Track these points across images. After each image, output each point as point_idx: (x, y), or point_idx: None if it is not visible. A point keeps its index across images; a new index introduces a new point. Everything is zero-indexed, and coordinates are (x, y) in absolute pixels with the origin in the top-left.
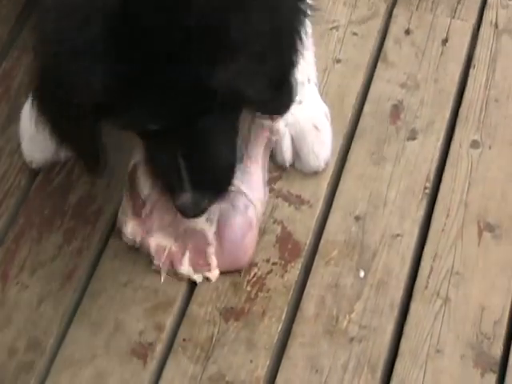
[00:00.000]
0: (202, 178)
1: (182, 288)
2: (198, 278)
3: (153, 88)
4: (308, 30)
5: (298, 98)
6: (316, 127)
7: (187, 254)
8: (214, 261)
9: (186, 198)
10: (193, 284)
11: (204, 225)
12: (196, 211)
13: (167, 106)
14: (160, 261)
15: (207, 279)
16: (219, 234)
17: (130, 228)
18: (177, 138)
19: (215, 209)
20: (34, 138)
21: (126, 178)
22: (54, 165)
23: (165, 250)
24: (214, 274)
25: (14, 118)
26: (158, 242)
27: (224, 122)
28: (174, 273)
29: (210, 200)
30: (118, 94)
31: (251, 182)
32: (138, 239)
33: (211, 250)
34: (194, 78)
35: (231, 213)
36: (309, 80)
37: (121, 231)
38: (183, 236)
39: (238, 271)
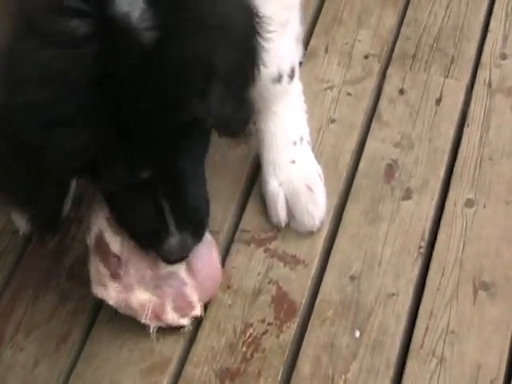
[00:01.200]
0: (185, 219)
1: (178, 348)
2: (185, 322)
3: (140, 140)
4: (298, 88)
5: (290, 158)
6: (309, 188)
7: (169, 303)
8: (194, 296)
9: (173, 241)
10: (188, 343)
11: (176, 266)
12: (182, 254)
13: (155, 152)
14: (146, 317)
15: (195, 318)
16: (191, 267)
17: (113, 292)
18: (157, 181)
19: None
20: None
21: (92, 250)
22: None
23: (146, 305)
24: (197, 310)
25: None
26: (139, 298)
27: (197, 156)
28: (160, 324)
29: (193, 240)
30: (103, 154)
31: None
32: (123, 303)
33: (189, 288)
34: (185, 115)
35: None
36: (301, 139)
37: (103, 301)
38: (160, 284)
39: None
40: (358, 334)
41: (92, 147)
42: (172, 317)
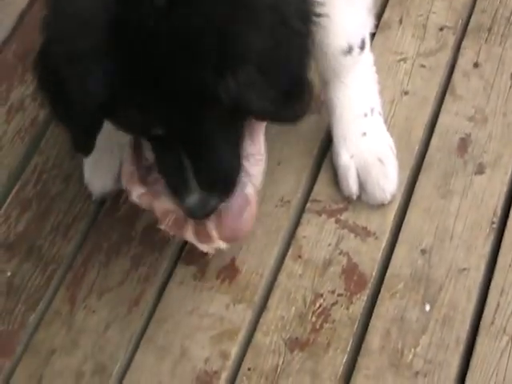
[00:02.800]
0: (208, 179)
1: (248, 316)
2: (204, 248)
3: (156, 92)
4: (369, 59)
5: (361, 130)
6: (381, 160)
7: (190, 223)
8: (214, 234)
9: (193, 199)
10: (258, 312)
11: None
12: (203, 212)
13: (170, 110)
14: (166, 224)
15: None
16: (217, 213)
17: (137, 194)
18: (181, 140)
19: None
20: (94, 171)
21: (129, 145)
22: (122, 191)
23: (169, 214)
24: (217, 244)
25: None
26: (164, 205)
27: (229, 126)
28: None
29: (216, 201)
30: (120, 97)
31: (249, 157)
32: (147, 205)
33: (211, 224)
34: (200, 84)
35: None
36: (372, 111)
37: (129, 195)
38: None
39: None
40: (428, 308)
41: (104, 88)
42: (191, 236)
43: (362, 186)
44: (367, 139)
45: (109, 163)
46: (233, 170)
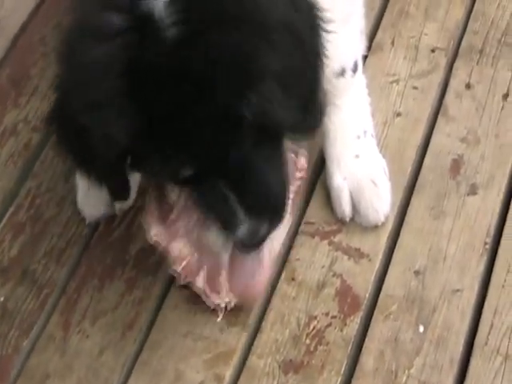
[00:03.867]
0: (256, 206)
1: (242, 339)
2: (211, 300)
3: (180, 130)
4: (361, 81)
5: (354, 152)
6: (374, 182)
7: (203, 270)
8: (224, 288)
9: (243, 229)
10: (252, 334)
11: (221, 250)
12: (255, 241)
13: (197, 145)
14: (179, 267)
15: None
16: (232, 265)
17: (155, 232)
18: (217, 173)
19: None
20: (87, 195)
21: (152, 185)
22: (115, 215)
23: (185, 258)
24: (227, 298)
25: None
26: (180, 249)
27: (266, 148)
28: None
29: (267, 228)
30: (145, 144)
31: None
32: (163, 244)
33: (223, 275)
34: (223, 110)
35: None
36: (365, 133)
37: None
38: (202, 251)
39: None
40: (421, 329)
41: (125, 136)
42: (201, 285)
43: (355, 207)
44: (360, 161)
45: (102, 188)
46: (279, 192)
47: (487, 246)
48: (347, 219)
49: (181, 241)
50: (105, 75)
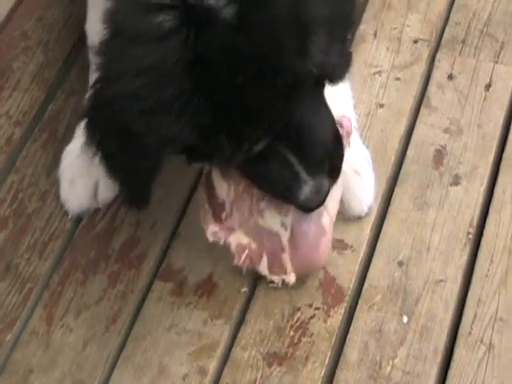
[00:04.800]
0: (316, 163)
1: (226, 331)
2: (275, 278)
3: (253, 108)
4: None
5: None
6: (358, 172)
7: (265, 257)
8: (288, 265)
9: (308, 189)
10: (236, 327)
11: (280, 229)
12: (320, 199)
13: (272, 116)
14: (240, 259)
15: (283, 282)
16: (293, 241)
17: (211, 232)
18: (279, 140)
19: (289, 214)
20: (70, 189)
21: (202, 184)
22: (98, 209)
23: (245, 249)
24: (289, 276)
25: (59, 161)
26: (239, 240)
27: (314, 98)
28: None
29: (328, 182)
30: (215, 135)
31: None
32: (221, 241)
33: (285, 255)
34: (291, 74)
35: (305, 220)
36: None
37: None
38: (261, 236)
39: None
40: (405, 319)
41: (189, 132)
42: (265, 270)
43: None
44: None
45: (85, 181)
46: (333, 144)
47: (470, 236)
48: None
49: (238, 232)
50: (163, 78)
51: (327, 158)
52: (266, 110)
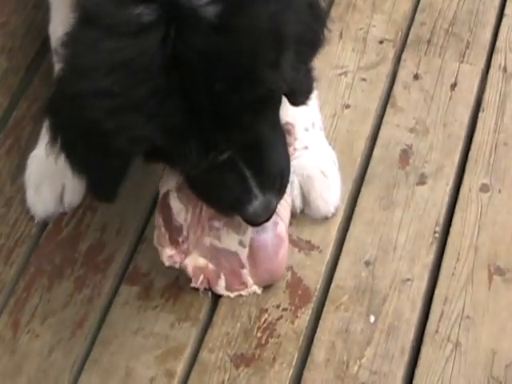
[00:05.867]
0: (268, 180)
1: (193, 333)
2: (233, 295)
3: (225, 116)
4: None
5: (303, 144)
6: (324, 173)
7: (222, 277)
8: (249, 280)
9: (258, 205)
10: (203, 329)
11: (238, 248)
12: (268, 215)
13: (241, 127)
14: (197, 282)
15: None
16: (253, 256)
17: (167, 256)
18: (240, 152)
19: (247, 231)
20: (36, 193)
21: (158, 206)
22: (64, 214)
23: (201, 271)
24: (250, 290)
25: (24, 167)
26: (195, 263)
27: (275, 116)
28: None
29: (276, 199)
30: (185, 137)
31: (282, 202)
32: (177, 265)
33: (245, 271)
34: (264, 86)
35: (262, 233)
36: (313, 125)
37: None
38: (218, 258)
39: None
40: (372, 319)
41: (161, 134)
42: (223, 290)
43: (305, 199)
44: (309, 153)
45: (51, 186)
46: (284, 163)
47: (437, 235)
48: (298, 211)
49: (194, 255)
50: (140, 75)
51: (279, 176)
52: (237, 120)
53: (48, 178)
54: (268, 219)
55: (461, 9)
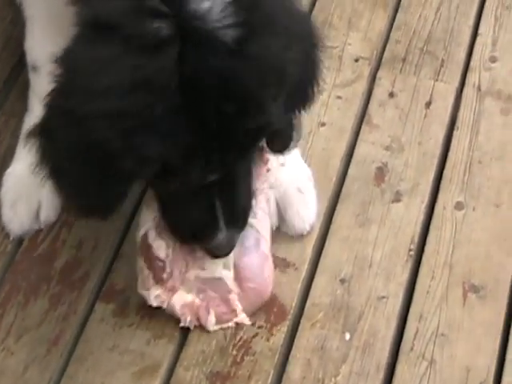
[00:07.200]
0: (234, 216)
1: (169, 351)
2: (227, 325)
3: (224, 144)
4: None
5: (279, 161)
6: (300, 190)
7: (212, 312)
8: (238, 306)
9: (222, 237)
10: (179, 346)
11: (222, 272)
12: (229, 249)
13: (234, 155)
14: (186, 321)
15: (237, 324)
16: (239, 276)
17: (154, 297)
18: (218, 182)
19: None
20: (12, 210)
21: (138, 250)
22: (40, 231)
23: (190, 308)
24: (239, 319)
25: (0, 183)
26: (182, 300)
27: (249, 158)
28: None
29: (238, 235)
30: (187, 160)
31: (259, 217)
32: (165, 304)
33: (233, 296)
34: (264, 119)
35: (245, 252)
36: None
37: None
38: (204, 289)
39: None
40: (348, 336)
41: (174, 153)
42: (213, 325)
43: (281, 216)
44: (285, 170)
45: (27, 202)
46: (249, 203)
47: (412, 253)
48: (273, 228)
49: (181, 291)
50: (157, 95)
51: (243, 213)
52: (238, 144)
53: (24, 195)
54: (227, 254)
55: (436, 27)
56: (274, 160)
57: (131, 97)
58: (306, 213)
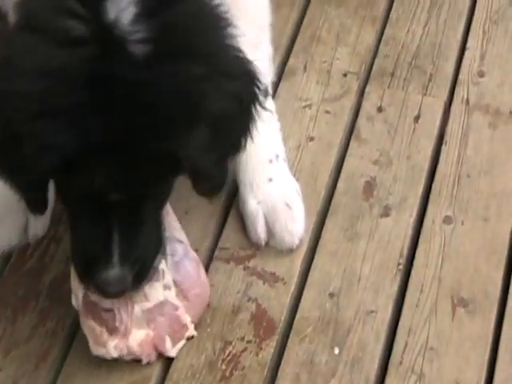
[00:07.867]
0: (131, 255)
1: (157, 366)
2: (179, 345)
3: (122, 157)
4: (271, 107)
5: (267, 176)
6: (288, 205)
7: (167, 337)
8: (187, 318)
9: (112, 273)
10: (168, 361)
11: (165, 294)
12: (118, 289)
13: (131, 175)
14: (149, 357)
15: (192, 337)
16: (182, 288)
17: (113, 347)
18: (118, 210)
19: (166, 274)
20: (0, 224)
21: (81, 312)
22: (28, 246)
23: (145, 342)
24: (189, 334)
25: None
26: (138, 339)
27: (160, 200)
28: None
29: (133, 281)
30: (86, 158)
31: (176, 227)
32: (125, 351)
33: (181, 310)
34: (165, 148)
35: (179, 265)
36: (277, 157)
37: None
38: (153, 318)
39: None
40: (337, 350)
41: (75, 147)
42: (171, 350)
43: (270, 231)
44: (274, 185)
45: (15, 218)
46: (154, 250)
47: (400, 267)
48: (263, 243)
49: (133, 331)
50: (65, 85)
51: (142, 260)
52: (140, 166)
53: (12, 210)
54: (116, 295)
55: (424, 42)
56: (260, 176)
57: (40, 82)
58: (295, 227)
